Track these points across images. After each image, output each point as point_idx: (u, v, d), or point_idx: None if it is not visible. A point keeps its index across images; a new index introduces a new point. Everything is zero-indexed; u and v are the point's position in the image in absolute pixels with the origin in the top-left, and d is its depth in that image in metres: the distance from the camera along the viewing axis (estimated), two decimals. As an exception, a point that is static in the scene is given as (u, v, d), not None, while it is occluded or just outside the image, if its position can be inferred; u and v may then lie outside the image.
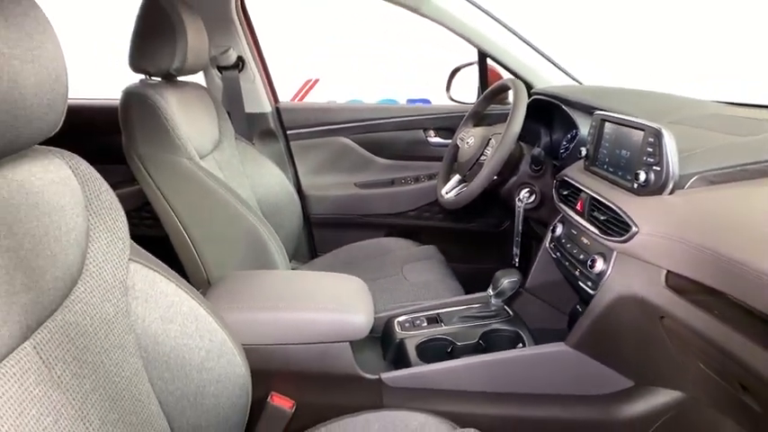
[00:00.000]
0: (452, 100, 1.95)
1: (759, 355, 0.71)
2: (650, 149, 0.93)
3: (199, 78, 1.65)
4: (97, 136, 1.64)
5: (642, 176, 0.94)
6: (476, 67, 1.88)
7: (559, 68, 1.74)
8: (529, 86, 1.72)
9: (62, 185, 0.67)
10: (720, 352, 0.79)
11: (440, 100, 2.05)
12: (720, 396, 0.92)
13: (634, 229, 0.90)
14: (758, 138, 0.96)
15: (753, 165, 0.89)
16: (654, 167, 0.92)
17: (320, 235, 2.02)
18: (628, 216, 0.92)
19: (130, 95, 1.26)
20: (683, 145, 0.96)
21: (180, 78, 1.43)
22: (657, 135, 0.92)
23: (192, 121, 1.36)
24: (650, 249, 0.89)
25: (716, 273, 0.76)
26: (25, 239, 0.59)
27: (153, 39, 1.27)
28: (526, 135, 1.58)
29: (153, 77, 1.35)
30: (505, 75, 1.79)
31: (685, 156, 0.93)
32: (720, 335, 0.78)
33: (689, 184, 0.91)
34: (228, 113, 1.65)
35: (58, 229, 0.64)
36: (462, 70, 1.95)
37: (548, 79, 1.71)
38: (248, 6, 1.86)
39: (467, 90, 1.98)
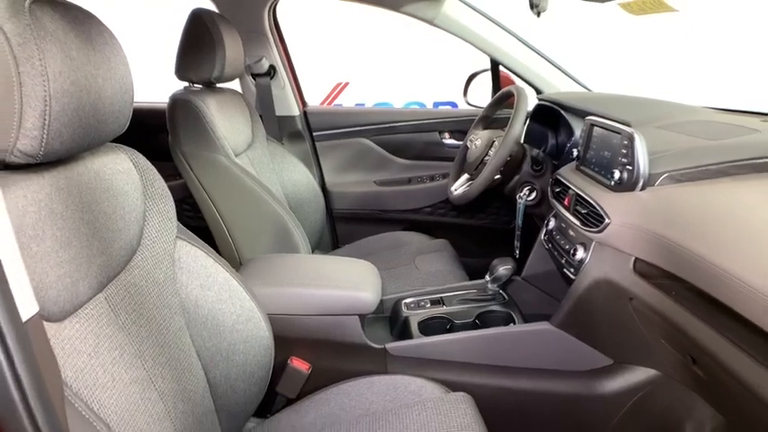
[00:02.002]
0: (469, 104, 2.07)
1: (705, 332, 0.83)
2: (624, 151, 1.05)
3: (235, 85, 1.83)
4: (145, 136, 1.84)
5: (617, 175, 1.06)
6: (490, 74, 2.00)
7: (568, 75, 1.85)
8: (539, 92, 1.84)
9: (126, 175, 0.85)
10: (675, 329, 0.91)
11: (465, 104, 2.17)
12: (681, 369, 1.04)
13: (607, 220, 1.03)
14: (725, 141, 1.06)
15: (714, 165, 0.99)
16: (627, 167, 1.04)
17: (342, 228, 2.17)
18: (602, 209, 1.05)
19: (177, 101, 1.44)
20: (658, 147, 1.07)
21: (218, 85, 1.60)
22: (630, 138, 1.03)
23: (228, 124, 1.53)
24: (621, 239, 1.01)
25: (675, 260, 0.88)
26: (99, 215, 0.77)
27: (196, 51, 1.45)
28: (534, 137, 1.70)
29: (195, 85, 1.53)
30: (518, 81, 1.91)
31: (657, 157, 1.04)
32: (676, 314, 0.89)
33: (658, 181, 1.02)
34: (261, 116, 1.82)
35: (122, 209, 0.82)
36: (479, 76, 2.07)
37: (556, 86, 1.82)
38: (281, 17, 2.03)
39: (485, 94, 2.10)
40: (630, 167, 1.03)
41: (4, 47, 0.58)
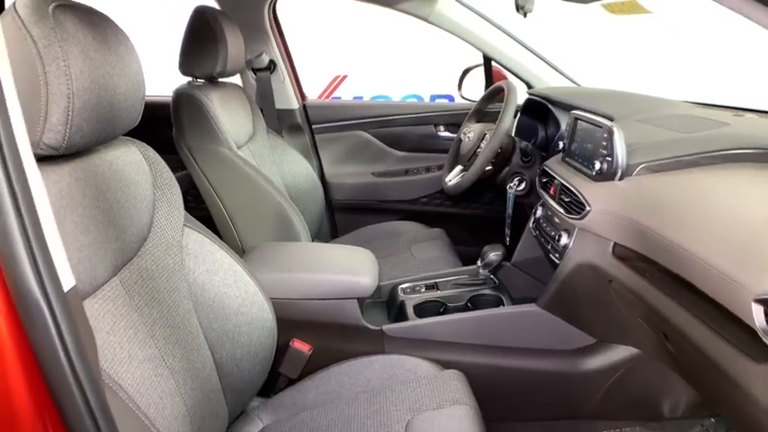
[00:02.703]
0: (463, 98, 2.14)
1: (675, 310, 0.90)
2: (605, 143, 1.12)
3: (235, 79, 1.89)
4: (150, 129, 1.90)
5: (598, 166, 1.13)
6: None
7: (557, 71, 1.91)
8: (529, 87, 1.91)
9: (137, 166, 0.91)
10: (650, 308, 0.98)
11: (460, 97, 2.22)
12: (656, 346, 1.11)
13: (588, 208, 1.10)
14: (697, 134, 1.13)
15: (687, 157, 1.07)
16: (607, 158, 1.11)
17: (341, 218, 2.24)
18: (584, 198, 1.12)
19: (181, 95, 1.50)
20: (636, 139, 1.14)
21: (220, 80, 1.66)
22: (610, 132, 1.10)
23: (230, 117, 1.59)
24: (600, 225, 1.08)
25: (649, 244, 0.95)
26: (114, 204, 0.83)
27: (199, 47, 1.51)
28: (525, 130, 1.77)
29: (198, 79, 1.59)
30: (510, 76, 1.97)
31: (635, 149, 1.11)
32: (650, 294, 0.97)
33: (636, 172, 1.09)
34: (261, 110, 1.88)
35: (134, 198, 0.88)
36: (473, 71, 2.14)
37: (546, 80, 1.89)
38: (280, 12, 2.09)
39: (479, 88, 2.16)
40: (610, 159, 1.10)
41: (32, 49, 0.65)
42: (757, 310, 0.65)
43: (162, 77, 1.70)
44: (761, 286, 0.65)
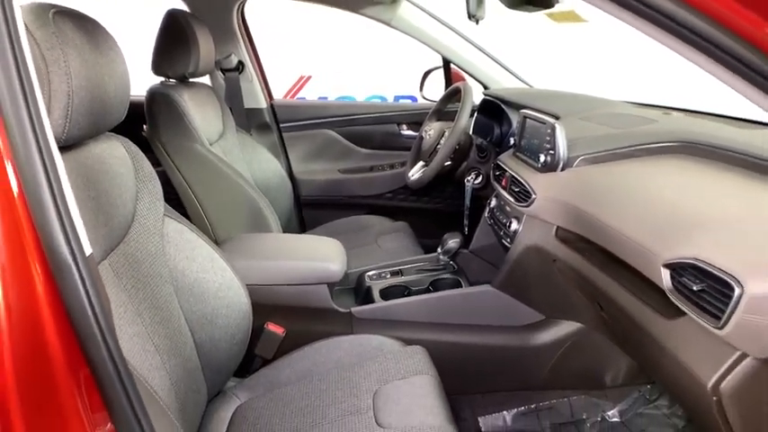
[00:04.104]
0: (424, 98, 2.25)
1: (606, 281, 1.03)
2: (548, 138, 1.25)
3: (204, 80, 1.94)
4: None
5: (542, 158, 1.26)
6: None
7: (511, 73, 2.05)
8: (486, 88, 2.04)
9: (120, 160, 0.98)
10: (586, 281, 1.11)
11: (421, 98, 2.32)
12: (595, 318, 1.25)
13: (534, 196, 1.23)
14: (629, 130, 1.28)
15: (620, 150, 1.21)
16: (550, 152, 1.24)
17: (309, 213, 2.32)
18: (530, 187, 1.25)
19: (155, 94, 1.56)
20: (577, 135, 1.28)
21: (191, 80, 1.72)
22: (552, 128, 1.23)
23: (202, 115, 1.66)
24: (545, 211, 1.21)
25: (586, 226, 1.08)
26: (102, 193, 0.90)
27: (172, 49, 1.57)
28: (482, 128, 1.90)
29: (170, 79, 1.65)
30: (468, 77, 2.10)
31: (575, 143, 1.25)
32: (586, 270, 1.10)
33: (575, 163, 1.23)
34: (230, 109, 1.95)
35: (119, 188, 0.95)
36: (434, 72, 2.26)
37: (501, 82, 2.03)
38: (247, 15, 2.16)
39: (440, 89, 2.28)
40: (553, 152, 1.23)
41: (36, 51, 0.72)
42: (665, 274, 0.79)
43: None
44: (668, 253, 0.78)
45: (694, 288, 0.72)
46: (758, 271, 0.67)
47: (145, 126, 1.96)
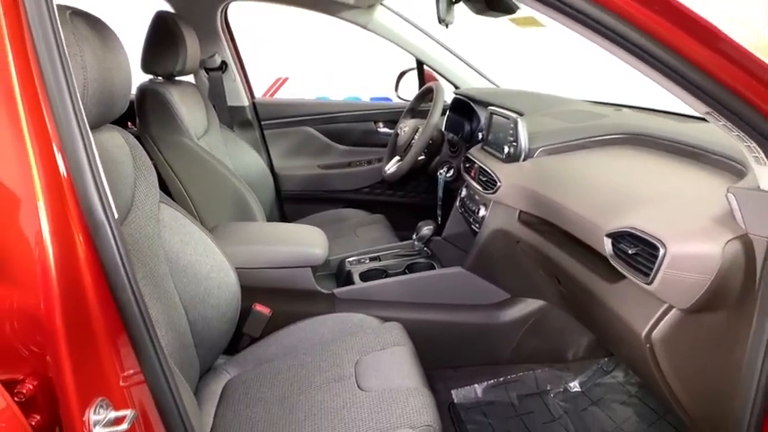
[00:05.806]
0: (399, 98, 2.37)
1: (562, 256, 1.17)
2: (512, 132, 1.38)
3: (189, 78, 2.02)
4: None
5: (506, 150, 1.39)
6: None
7: (480, 74, 2.19)
8: (456, 88, 2.17)
9: (121, 149, 1.07)
10: (546, 258, 1.24)
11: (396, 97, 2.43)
12: (555, 294, 1.39)
13: (499, 184, 1.36)
14: (583, 124, 1.42)
15: (574, 141, 1.35)
16: (513, 144, 1.37)
17: (290, 207, 2.41)
18: (496, 176, 1.38)
19: (145, 91, 1.64)
20: (538, 129, 1.41)
21: (178, 78, 1.80)
22: (515, 123, 1.36)
23: (188, 111, 1.74)
24: (509, 197, 1.34)
25: (545, 209, 1.21)
26: (105, 179, 0.99)
27: (161, 48, 1.65)
28: (453, 125, 2.03)
29: (158, 77, 1.73)
30: (440, 78, 2.23)
31: (536, 136, 1.38)
32: (546, 248, 1.23)
33: (536, 154, 1.36)
34: (214, 106, 2.03)
35: (120, 175, 1.04)
36: (408, 73, 2.37)
37: (470, 82, 2.16)
38: (230, 19, 2.24)
39: (413, 89, 2.40)
40: (515, 144, 1.37)
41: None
42: (607, 242, 0.92)
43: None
44: (610, 225, 0.92)
45: (630, 252, 0.86)
46: (679, 235, 0.81)
47: (129, 123, 2.04)
